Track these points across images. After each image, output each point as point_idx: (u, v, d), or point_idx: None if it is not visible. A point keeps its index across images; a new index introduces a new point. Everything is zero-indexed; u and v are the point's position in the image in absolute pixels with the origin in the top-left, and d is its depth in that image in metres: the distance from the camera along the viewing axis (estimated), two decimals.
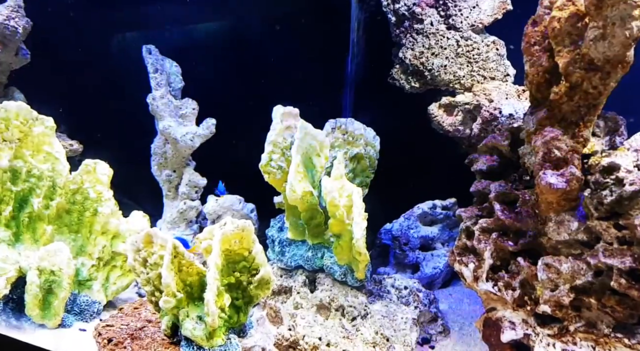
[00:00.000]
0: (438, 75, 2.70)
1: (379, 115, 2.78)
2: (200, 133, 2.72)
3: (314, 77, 2.99)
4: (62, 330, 2.20)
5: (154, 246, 1.86)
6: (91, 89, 3.18)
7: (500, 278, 1.81)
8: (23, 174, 2.27)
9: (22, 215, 2.29)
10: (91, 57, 3.18)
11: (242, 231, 1.79)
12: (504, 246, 1.81)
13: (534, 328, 1.74)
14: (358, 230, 2.09)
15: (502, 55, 2.70)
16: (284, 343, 2.17)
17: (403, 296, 2.33)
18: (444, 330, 2.33)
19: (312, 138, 2.34)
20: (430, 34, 2.69)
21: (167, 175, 2.81)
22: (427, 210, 2.82)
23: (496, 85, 2.56)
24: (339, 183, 2.23)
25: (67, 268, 2.17)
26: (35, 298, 2.12)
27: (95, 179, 2.35)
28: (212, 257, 1.75)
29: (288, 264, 2.45)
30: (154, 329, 2.10)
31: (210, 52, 3.16)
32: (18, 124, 2.21)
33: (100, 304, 2.37)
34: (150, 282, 1.91)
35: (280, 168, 2.42)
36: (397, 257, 2.81)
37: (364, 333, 2.14)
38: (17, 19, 2.50)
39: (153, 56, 2.61)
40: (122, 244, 2.42)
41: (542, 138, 1.68)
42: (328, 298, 2.28)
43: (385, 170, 2.70)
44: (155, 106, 2.61)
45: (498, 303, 1.87)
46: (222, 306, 1.81)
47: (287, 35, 3.10)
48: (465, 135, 2.66)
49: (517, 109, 2.36)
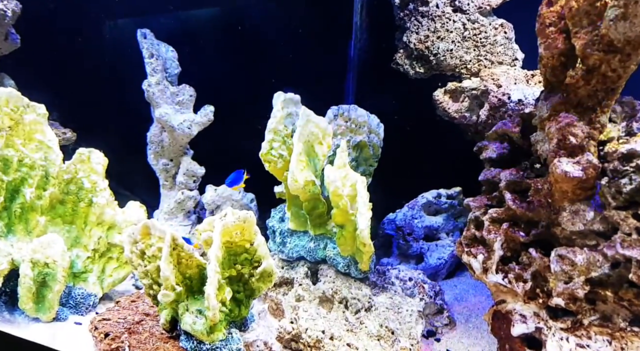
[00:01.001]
0: (444, 60, 2.61)
1: (381, 101, 2.71)
2: (198, 120, 2.63)
3: (315, 62, 2.90)
4: (57, 324, 2.14)
5: (152, 238, 1.79)
6: (84, 75, 3.09)
7: (511, 269, 1.75)
8: (14, 163, 2.18)
9: (14, 206, 2.21)
10: (84, 42, 3.08)
11: (244, 222, 1.72)
12: (514, 237, 1.74)
13: (545, 321, 1.68)
14: (363, 220, 2.02)
15: (510, 38, 2.61)
16: (285, 336, 2.11)
17: (408, 288, 2.27)
18: (450, 322, 2.27)
19: (314, 125, 2.26)
20: (435, 16, 2.60)
21: (164, 165, 2.73)
22: (432, 199, 2.76)
23: (504, 69, 2.48)
24: (342, 172, 2.16)
25: (61, 260, 2.10)
26: (29, 292, 2.05)
27: (90, 168, 2.27)
28: (212, 249, 1.68)
29: (289, 255, 2.39)
30: (152, 323, 2.04)
31: (209, 36, 3.07)
32: (8, 111, 2.13)
33: (96, 297, 2.30)
34: (148, 275, 1.84)
35: (281, 157, 2.34)
36: (400, 247, 2.75)
37: (369, 326, 2.08)
38: (6, 2, 2.39)
39: (148, 41, 2.51)
40: (118, 235, 2.35)
41: (556, 124, 1.61)
42: (331, 290, 2.22)
43: (388, 158, 2.63)
44: (151, 93, 2.52)
45: (508, 295, 1.81)
46: (223, 300, 1.74)
47: (287, 19, 3.01)
48: (472, 122, 2.58)
49: (527, 94, 2.27)
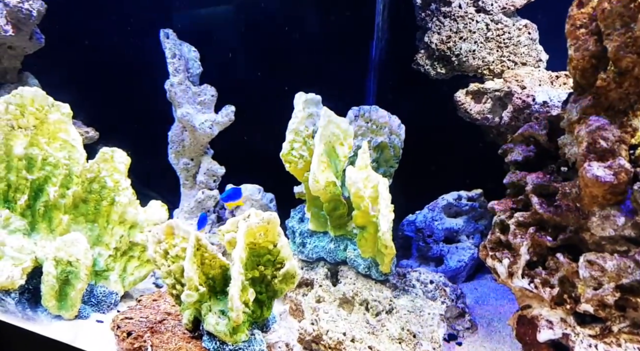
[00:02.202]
0: (466, 61, 2.58)
1: (401, 101, 2.69)
2: (219, 120, 2.63)
3: (337, 63, 2.89)
4: (79, 321, 2.16)
5: (176, 238, 1.80)
6: (106, 75, 3.11)
7: (537, 274, 1.72)
8: (38, 162, 2.21)
9: (38, 204, 2.23)
10: (107, 42, 3.10)
11: (268, 224, 1.71)
12: (541, 241, 1.71)
13: (573, 327, 1.66)
14: (384, 222, 2.01)
15: (534, 39, 2.57)
16: (306, 337, 2.11)
17: (429, 290, 2.25)
18: (472, 326, 2.25)
19: (335, 126, 2.25)
20: (458, 17, 2.57)
21: (185, 164, 2.73)
22: (452, 201, 2.73)
23: (528, 71, 2.44)
24: (364, 173, 2.15)
25: (84, 258, 2.12)
26: (52, 289, 2.07)
27: (113, 168, 2.29)
28: (236, 250, 1.68)
29: (309, 256, 2.39)
30: (173, 322, 2.04)
31: (230, 36, 3.06)
32: (33, 111, 2.15)
33: (117, 295, 2.32)
34: (171, 275, 1.85)
35: (302, 158, 2.34)
36: (420, 249, 2.73)
37: (390, 328, 2.07)
38: (32, 2, 2.41)
39: (171, 41, 2.52)
40: (139, 234, 2.36)
41: (586, 127, 1.58)
42: (352, 292, 2.21)
43: (407, 159, 2.61)
44: (174, 92, 2.53)
45: (534, 300, 1.79)
46: (246, 301, 1.74)
47: (309, 19, 3.00)
48: (494, 124, 2.55)
49: (552, 96, 2.24)
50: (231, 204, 1.99)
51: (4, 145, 2.14)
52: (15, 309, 2.09)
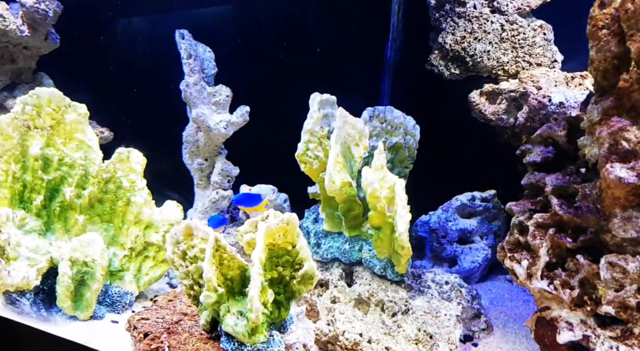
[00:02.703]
0: (480, 61, 2.58)
1: (414, 102, 2.68)
2: (234, 121, 2.63)
3: (352, 63, 2.89)
4: (94, 322, 2.16)
5: (195, 239, 1.80)
6: (120, 75, 3.12)
7: (557, 276, 1.72)
8: (54, 162, 2.21)
9: (54, 205, 2.24)
10: (120, 42, 3.11)
11: (287, 224, 1.71)
12: (561, 243, 1.71)
13: (594, 329, 1.65)
14: (402, 223, 2.00)
15: (549, 40, 2.56)
16: (322, 338, 2.11)
17: (444, 291, 2.25)
18: (487, 327, 2.25)
19: (351, 127, 2.25)
20: (473, 17, 2.57)
21: (199, 164, 2.74)
22: (466, 201, 2.73)
23: (544, 71, 2.44)
24: (380, 174, 2.14)
25: (100, 259, 2.12)
26: (67, 290, 2.07)
27: (129, 168, 2.29)
28: (256, 251, 1.67)
29: (324, 257, 2.38)
30: (190, 323, 2.05)
31: (244, 36, 3.06)
32: (50, 111, 2.16)
33: (132, 295, 2.32)
34: (189, 276, 1.85)
35: (317, 158, 2.34)
36: (434, 250, 2.73)
37: (406, 329, 2.07)
38: (48, 3, 2.42)
39: (186, 41, 2.52)
40: (155, 234, 2.36)
41: (608, 128, 1.57)
42: (367, 293, 2.21)
43: (420, 159, 2.61)
44: (189, 93, 2.53)
45: (553, 302, 1.78)
46: (265, 302, 1.74)
47: (324, 20, 2.99)
48: (509, 124, 2.54)
49: (568, 97, 2.23)
50: (250, 209, 1.99)
51: (20, 145, 2.15)
52: (30, 310, 2.10)
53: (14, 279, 2.02)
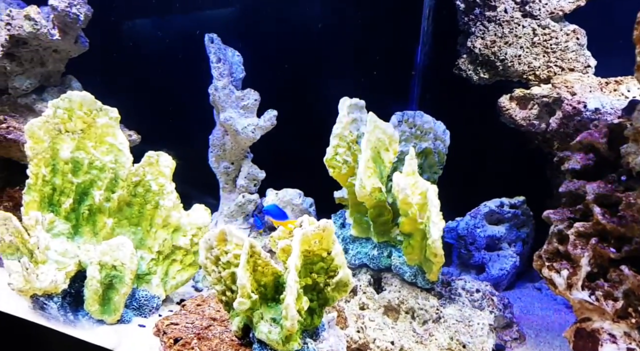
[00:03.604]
0: (511, 66, 2.54)
1: (442, 106, 2.65)
2: (261, 125, 2.62)
3: (380, 67, 2.87)
4: (121, 326, 2.15)
5: (228, 244, 1.78)
6: (146, 79, 3.12)
7: (599, 287, 1.68)
8: (85, 166, 2.21)
9: (82, 208, 2.23)
10: (146, 44, 3.12)
11: (323, 231, 1.69)
12: (604, 252, 1.67)
13: (638, 342, 1.61)
14: (436, 230, 1.97)
15: (582, 45, 2.52)
16: (352, 345, 2.08)
17: (475, 299, 2.21)
18: (520, 336, 2.21)
19: (381, 131, 2.22)
20: (503, 21, 2.53)
21: (225, 168, 2.73)
22: (495, 208, 2.69)
23: (577, 76, 2.40)
24: (411, 179, 2.11)
25: (129, 263, 2.11)
26: (96, 294, 2.06)
27: (158, 171, 2.28)
28: (292, 258, 1.65)
29: (352, 263, 2.36)
30: (220, 328, 2.03)
31: (275, 40, 3.06)
32: (82, 115, 2.15)
33: (159, 299, 2.31)
34: (221, 281, 1.83)
35: (346, 163, 2.32)
36: (461, 256, 2.69)
37: (438, 338, 2.04)
38: (79, 6, 2.42)
39: (215, 45, 2.51)
40: (182, 238, 2.35)
41: None
42: (397, 300, 2.18)
43: (446, 165, 2.58)
44: (217, 97, 2.52)
45: (594, 313, 1.74)
46: (300, 309, 1.72)
47: (355, 24, 2.97)
48: (540, 130, 2.50)
49: (604, 103, 2.19)
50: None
51: (50, 148, 2.14)
52: (58, 313, 2.09)
53: (42, 283, 2.01)
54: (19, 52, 2.51)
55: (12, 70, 2.53)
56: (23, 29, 2.38)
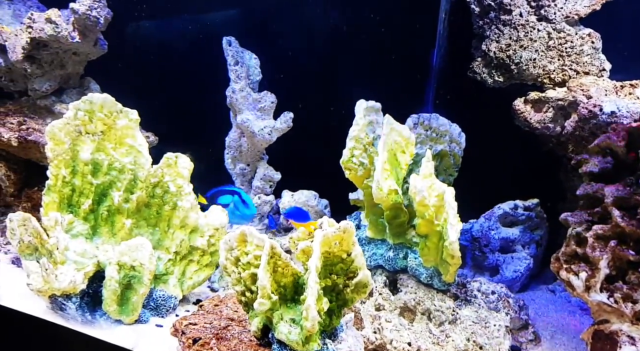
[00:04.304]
0: (526, 69, 2.55)
1: (456, 109, 2.67)
2: (278, 127, 2.65)
3: (396, 70, 2.89)
4: (139, 326, 2.17)
5: (249, 245, 1.80)
6: (163, 81, 3.16)
7: (618, 289, 1.69)
8: (104, 167, 2.24)
9: (101, 209, 2.26)
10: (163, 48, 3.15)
11: (344, 233, 1.71)
12: (623, 255, 1.68)
13: None
14: (453, 232, 1.99)
15: (597, 48, 2.53)
16: (369, 346, 2.10)
17: (491, 301, 2.22)
18: (535, 338, 2.22)
19: (397, 134, 2.24)
20: (519, 25, 2.54)
21: (241, 169, 2.75)
22: (509, 210, 2.70)
23: (592, 80, 2.41)
24: (428, 181, 2.13)
25: (148, 263, 2.14)
26: (114, 294, 2.09)
27: (177, 173, 2.31)
28: (313, 259, 1.67)
29: (367, 264, 2.38)
30: (238, 329, 2.05)
31: (290, 43, 3.08)
32: (102, 117, 2.18)
33: (176, 299, 2.33)
34: (241, 282, 1.85)
35: (362, 165, 2.34)
36: (475, 258, 2.70)
37: (455, 339, 2.05)
38: (99, 9, 2.45)
39: (233, 48, 2.54)
40: (200, 238, 2.38)
41: None
42: (413, 301, 2.19)
43: (461, 167, 2.59)
44: (235, 99, 2.55)
45: (612, 315, 1.75)
46: (320, 310, 1.73)
47: (370, 26, 2.99)
48: (555, 133, 2.51)
49: (620, 106, 2.20)
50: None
51: (70, 150, 2.17)
52: (76, 313, 2.11)
53: (61, 283, 2.04)
54: (39, 55, 2.55)
55: (32, 73, 2.56)
56: (44, 31, 2.41)
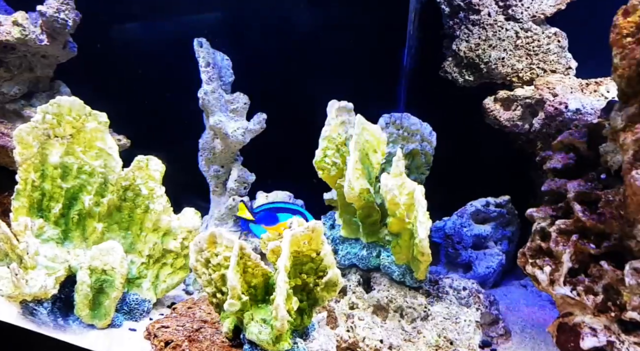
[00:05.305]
0: (495, 68, 2.60)
1: (428, 109, 2.70)
2: (251, 128, 2.65)
3: (368, 70, 2.91)
4: (112, 330, 2.16)
5: (218, 247, 1.81)
6: (135, 83, 3.14)
7: (580, 282, 1.73)
8: (74, 171, 2.22)
9: (72, 213, 2.24)
10: (134, 48, 3.13)
11: (312, 232, 1.72)
12: (585, 249, 1.72)
13: (618, 335, 1.66)
14: (422, 230, 2.01)
15: (563, 47, 2.58)
16: (342, 345, 2.11)
17: (462, 297, 2.25)
18: (506, 332, 2.25)
19: (369, 133, 2.26)
20: (487, 25, 2.59)
21: (215, 171, 2.75)
22: (481, 207, 2.74)
23: (559, 78, 2.46)
24: (399, 180, 2.15)
25: (120, 267, 2.13)
26: (86, 298, 2.07)
27: (148, 175, 2.30)
28: (281, 259, 1.68)
29: (341, 263, 2.39)
30: (211, 330, 2.05)
31: (260, 43, 3.09)
32: (71, 120, 2.17)
33: (150, 302, 2.33)
34: (211, 283, 1.85)
35: (335, 165, 2.35)
36: (449, 255, 2.74)
37: (426, 335, 2.08)
38: (68, 12, 2.43)
39: (204, 49, 2.53)
40: (173, 241, 2.37)
41: (633, 135, 1.58)
42: (386, 299, 2.22)
43: (433, 166, 2.62)
44: (207, 101, 2.54)
45: (576, 308, 1.79)
46: (289, 309, 1.74)
47: (342, 27, 3.01)
48: (524, 131, 2.56)
49: (584, 104, 2.25)
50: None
51: (39, 154, 2.15)
52: (48, 319, 2.09)
53: (32, 288, 2.02)
54: (6, 58, 2.51)
55: (0, 76, 2.53)
56: (11, 34, 2.39)
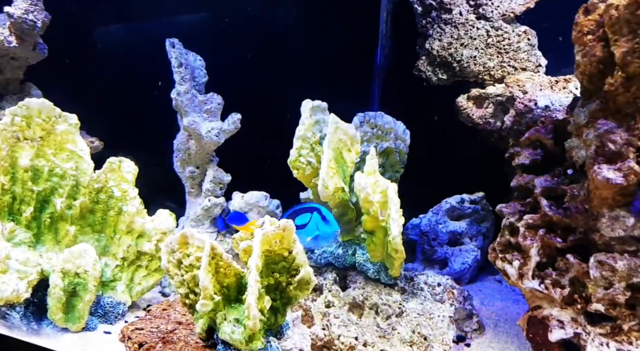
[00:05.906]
0: (467, 67, 2.63)
1: (403, 107, 2.72)
2: (225, 128, 2.64)
3: (341, 70, 2.92)
4: (87, 334, 2.13)
5: (190, 247, 1.80)
6: (108, 84, 3.11)
7: (548, 275, 1.76)
8: (45, 173, 2.19)
9: (44, 216, 2.21)
10: (108, 50, 3.10)
11: (284, 231, 1.72)
12: (551, 243, 1.75)
13: (584, 327, 1.70)
14: (395, 227, 2.03)
15: (533, 45, 2.63)
16: (317, 343, 2.12)
17: (437, 293, 2.28)
18: (479, 327, 2.28)
19: (343, 132, 2.27)
20: (459, 24, 2.62)
21: (191, 172, 2.73)
22: (456, 204, 2.77)
23: (529, 76, 2.50)
24: (372, 178, 2.17)
25: (92, 270, 2.10)
26: (59, 302, 2.05)
27: (120, 177, 2.28)
28: (253, 258, 1.68)
29: (318, 262, 2.40)
30: (185, 331, 2.04)
31: (234, 43, 3.08)
32: (40, 122, 2.14)
33: (124, 305, 2.30)
34: (184, 284, 1.85)
35: (310, 164, 2.36)
36: (425, 252, 2.76)
37: (401, 332, 2.09)
38: (36, 13, 2.40)
39: (177, 50, 2.52)
40: (147, 243, 2.35)
41: (594, 131, 1.62)
42: (361, 296, 2.23)
43: (409, 164, 2.65)
44: (180, 101, 2.53)
45: (544, 301, 1.82)
46: (262, 308, 1.75)
47: (315, 27, 3.02)
48: (496, 128, 2.60)
49: (553, 101, 2.29)
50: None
51: (9, 157, 2.12)
52: (20, 323, 2.06)
53: (3, 292, 1.99)
54: None
55: None
56: None
